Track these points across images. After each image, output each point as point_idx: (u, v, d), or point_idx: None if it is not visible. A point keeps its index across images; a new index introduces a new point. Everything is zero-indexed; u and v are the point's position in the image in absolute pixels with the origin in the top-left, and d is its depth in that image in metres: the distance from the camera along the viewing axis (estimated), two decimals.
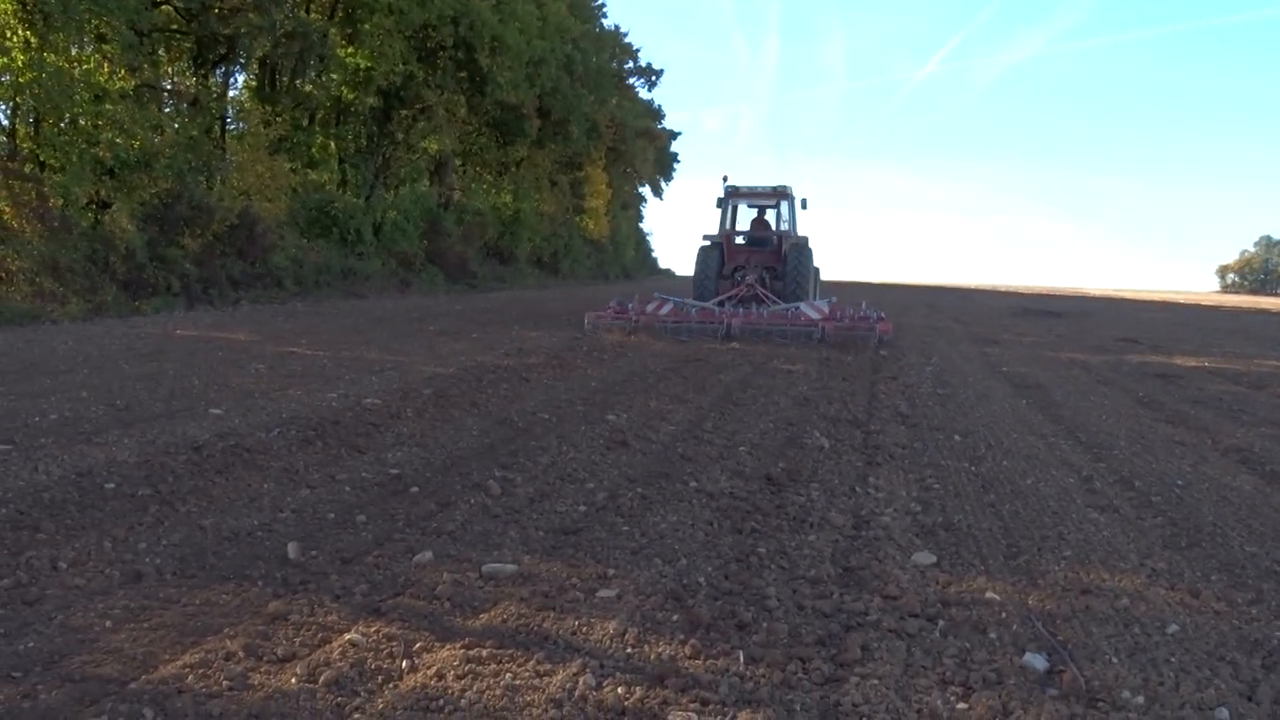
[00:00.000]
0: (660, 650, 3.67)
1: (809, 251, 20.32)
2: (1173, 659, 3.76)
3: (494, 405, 8.99)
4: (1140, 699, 3.40)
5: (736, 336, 16.81)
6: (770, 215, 21.18)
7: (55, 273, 16.54)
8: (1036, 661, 3.67)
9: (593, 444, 7.43)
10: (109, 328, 14.52)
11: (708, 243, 20.46)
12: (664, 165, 66.87)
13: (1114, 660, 3.73)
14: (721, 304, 19.14)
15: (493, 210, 39.33)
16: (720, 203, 20.77)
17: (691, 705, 3.24)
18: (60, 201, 17.61)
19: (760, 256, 20.45)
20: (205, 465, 6.18)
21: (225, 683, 3.26)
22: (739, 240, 20.90)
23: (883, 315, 19.02)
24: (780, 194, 20.64)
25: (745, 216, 21.47)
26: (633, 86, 58.17)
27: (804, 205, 20.83)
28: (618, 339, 16.16)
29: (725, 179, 20.71)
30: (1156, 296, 73.42)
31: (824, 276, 23.45)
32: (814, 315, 17.69)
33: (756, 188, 20.82)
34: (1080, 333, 23.24)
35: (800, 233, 20.84)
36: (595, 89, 44.00)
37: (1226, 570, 4.92)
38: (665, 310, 18.17)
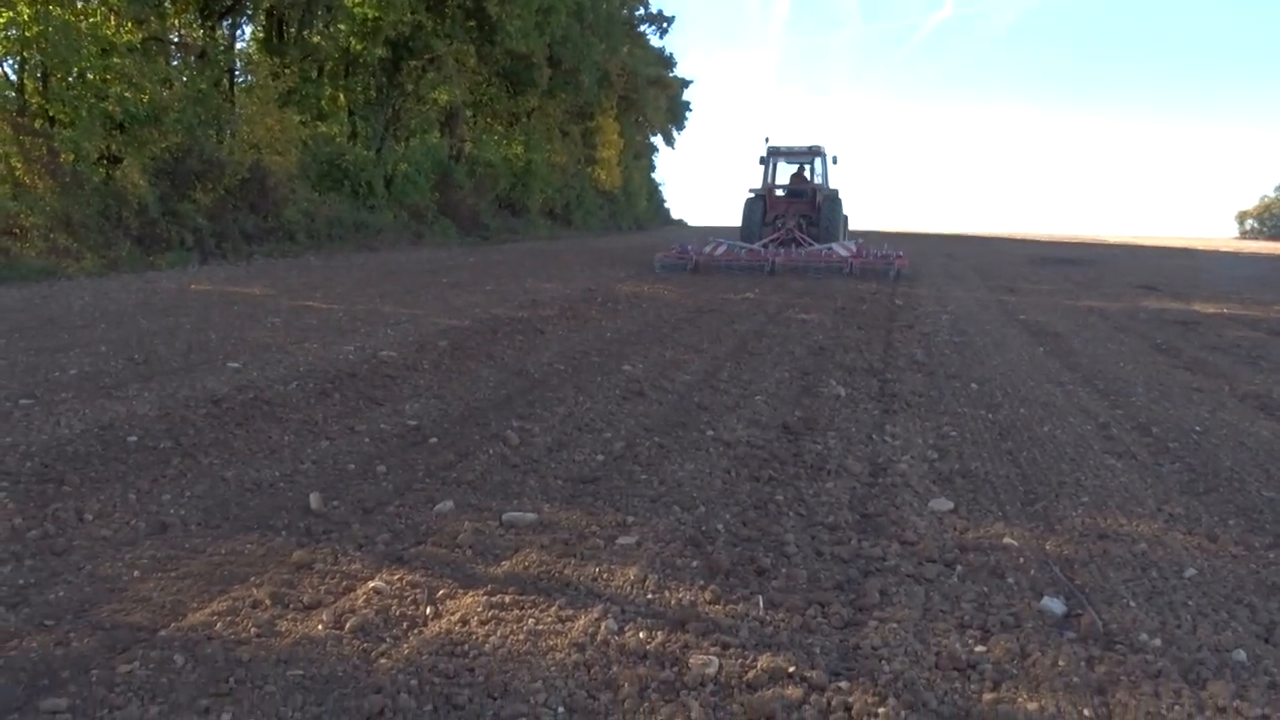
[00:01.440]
0: (680, 596, 3.71)
1: (839, 202, 23.91)
2: (1190, 602, 3.78)
3: (509, 357, 9.01)
4: (1158, 641, 3.42)
5: (779, 272, 20.27)
6: (805, 171, 24.68)
7: (69, 228, 16.56)
8: (1054, 605, 3.70)
9: (609, 394, 7.45)
10: (124, 283, 14.57)
11: (752, 195, 23.99)
12: (676, 114, 66.25)
13: (1132, 604, 3.75)
14: (766, 246, 22.16)
15: (504, 162, 39.05)
16: (763, 160, 24.29)
17: (712, 649, 3.28)
18: (71, 157, 17.54)
19: (798, 206, 23.89)
20: (225, 418, 6.23)
21: (254, 630, 3.32)
22: (779, 192, 24.43)
23: (900, 254, 21.69)
24: (814, 152, 24.18)
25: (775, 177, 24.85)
26: (644, 34, 57.30)
27: (835, 161, 24.22)
28: (631, 289, 16.14)
29: (767, 140, 24.26)
30: (1175, 243, 72.64)
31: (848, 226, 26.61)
32: (844, 254, 21.06)
33: (794, 147, 24.30)
34: (1098, 280, 23.06)
35: (831, 185, 24.36)
36: (606, 37, 43.38)
37: (1244, 515, 4.93)
38: (720, 251, 21.50)
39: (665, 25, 58.39)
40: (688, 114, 67.87)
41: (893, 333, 11.62)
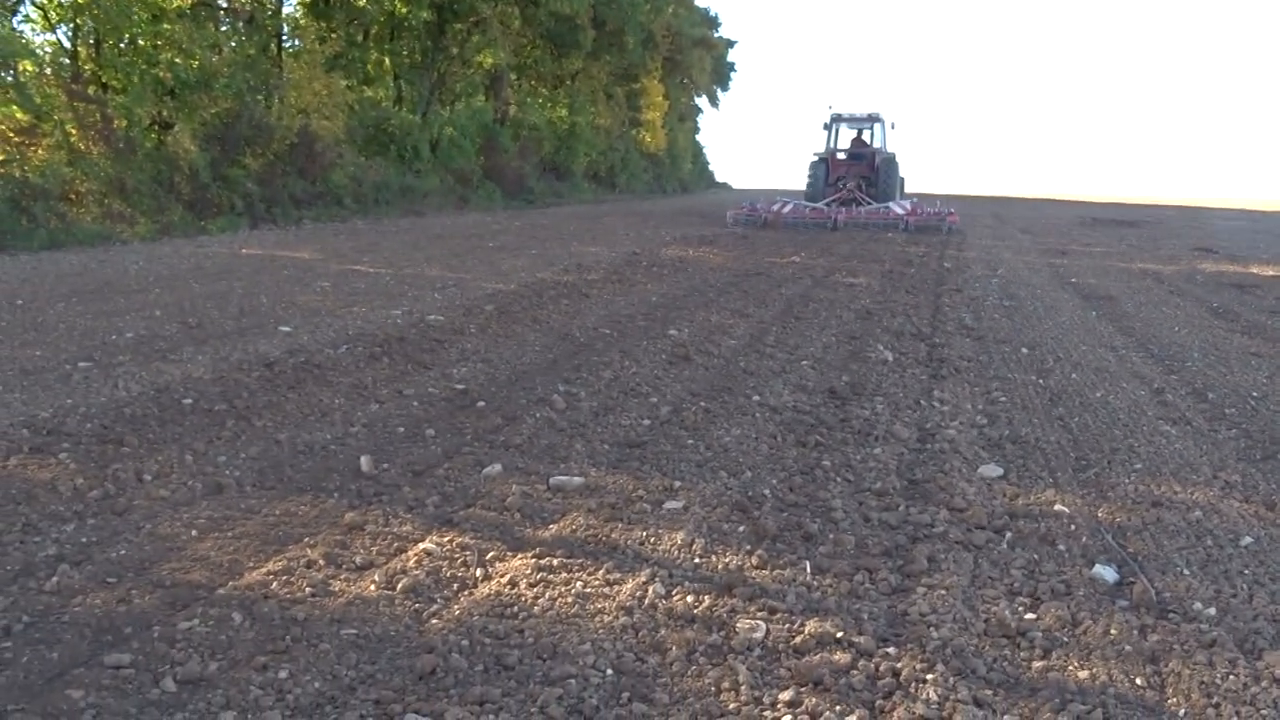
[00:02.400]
0: (727, 560, 3.72)
1: (896, 164, 26.23)
2: (1246, 571, 3.72)
3: (555, 321, 9.03)
4: (1212, 610, 3.38)
5: (841, 228, 22.26)
6: (864, 135, 26.89)
7: (123, 193, 16.81)
8: (1106, 573, 3.66)
9: (654, 358, 7.46)
10: (177, 247, 14.78)
11: (816, 158, 26.25)
12: (721, 75, 65.36)
13: (1186, 572, 3.70)
14: (829, 205, 24.09)
15: (548, 125, 38.86)
16: (826, 126, 26.70)
17: (759, 614, 3.29)
18: (124, 123, 17.78)
19: (858, 168, 25.99)
20: (278, 381, 6.33)
21: (308, 589, 3.39)
22: (841, 156, 26.54)
23: (952, 210, 23.47)
24: (874, 118, 26.45)
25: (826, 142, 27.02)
26: None
27: (893, 126, 26.56)
28: (676, 253, 16.08)
29: (830, 106, 27.29)
30: (1232, 204, 70.66)
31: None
32: (900, 211, 23.22)
33: (855, 114, 26.61)
34: (1153, 242, 22.57)
35: (889, 149, 26.40)
36: None
37: None
38: (787, 210, 23.71)
39: None
40: (732, 75, 67.06)
41: (941, 296, 11.48)
